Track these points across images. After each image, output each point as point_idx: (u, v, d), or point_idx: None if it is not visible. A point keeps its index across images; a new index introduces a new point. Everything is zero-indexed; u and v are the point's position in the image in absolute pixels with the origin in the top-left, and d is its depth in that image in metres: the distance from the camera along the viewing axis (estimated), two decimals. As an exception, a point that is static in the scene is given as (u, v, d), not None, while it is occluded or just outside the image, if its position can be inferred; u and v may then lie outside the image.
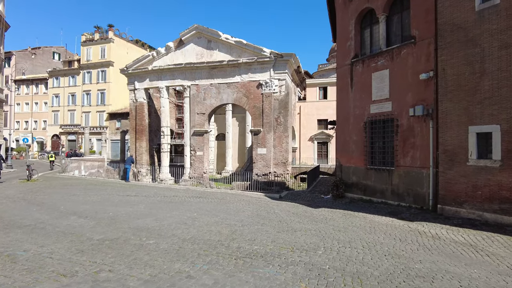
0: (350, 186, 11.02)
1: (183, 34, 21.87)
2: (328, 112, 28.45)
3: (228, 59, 20.62)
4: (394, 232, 7.04)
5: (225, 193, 13.91)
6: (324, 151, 28.77)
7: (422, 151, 8.72)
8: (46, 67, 51.02)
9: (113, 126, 42.17)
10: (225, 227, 7.35)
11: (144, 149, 24.12)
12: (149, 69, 23.06)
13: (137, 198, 11.97)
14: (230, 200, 11.73)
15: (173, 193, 13.51)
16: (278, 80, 19.82)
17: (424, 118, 8.61)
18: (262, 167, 19.87)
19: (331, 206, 10.14)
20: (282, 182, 18.49)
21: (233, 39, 20.41)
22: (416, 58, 8.73)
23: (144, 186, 16.66)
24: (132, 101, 24.61)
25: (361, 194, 10.64)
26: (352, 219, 8.26)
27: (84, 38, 43.65)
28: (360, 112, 10.47)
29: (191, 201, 11.24)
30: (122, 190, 14.51)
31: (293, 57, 19.62)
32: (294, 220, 8.20)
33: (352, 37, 10.66)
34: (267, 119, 19.77)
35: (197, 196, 12.70)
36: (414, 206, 9.00)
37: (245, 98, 20.53)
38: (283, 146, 19.79)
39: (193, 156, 21.75)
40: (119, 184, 17.07)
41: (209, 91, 21.50)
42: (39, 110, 47.70)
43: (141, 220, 8.04)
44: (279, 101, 19.85)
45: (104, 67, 42.07)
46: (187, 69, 21.90)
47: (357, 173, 10.74)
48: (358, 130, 10.55)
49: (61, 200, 11.32)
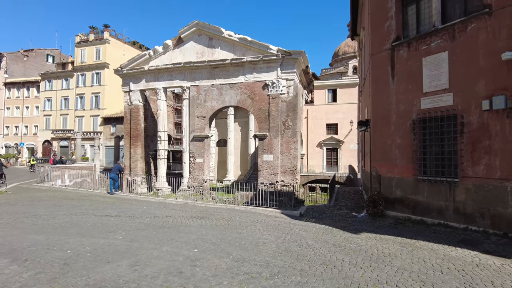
0: (392, 202, 9.07)
1: (182, 31, 20.92)
2: (338, 116, 27.40)
3: (231, 57, 19.60)
4: (504, 281, 4.73)
5: (231, 210, 11.60)
6: (334, 158, 27.57)
7: (505, 158, 6.73)
8: (39, 70, 50.29)
9: (107, 131, 41.12)
10: (246, 283, 4.67)
11: (139, 156, 22.96)
12: (145, 69, 22.06)
13: (118, 220, 9.29)
14: (241, 222, 9.21)
15: (166, 211, 10.94)
16: (285, 80, 18.75)
17: (507, 112, 6.66)
18: (268, 175, 18.65)
19: (375, 229, 8.11)
20: (291, 192, 17.24)
21: (237, 36, 19.42)
22: (492, 33, 6.88)
23: (133, 200, 14.03)
24: (126, 104, 23.57)
25: (408, 213, 8.60)
26: (418, 254, 6.03)
27: (78, 39, 42.94)
28: (405, 108, 8.59)
29: (190, 225, 8.66)
30: (102, 207, 11.78)
31: (302, 55, 18.58)
32: (343, 260, 5.67)
33: (393, 16, 8.88)
34: (273, 122, 18.63)
35: (198, 216, 10.07)
36: (492, 232, 6.99)
37: (249, 100, 19.43)
38: (292, 152, 18.60)
39: (193, 163, 20.56)
40: (103, 197, 14.43)
41: (210, 92, 20.43)
42: (30, 115, 46.75)
43: (111, 267, 5.28)
44: (286, 103, 18.73)
45: (99, 69, 41.23)
46: (187, 69, 20.88)
47: (402, 185, 8.79)
48: (403, 131, 8.66)
49: (9, 225, 8.43)
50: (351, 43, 46.76)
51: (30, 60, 55.02)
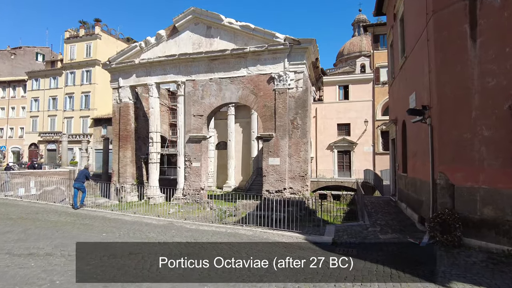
0: (476, 225, 6.59)
1: (177, 19, 19.34)
2: (350, 115, 25.71)
3: (232, 47, 17.95)
4: None
5: (234, 236, 8.59)
6: (346, 161, 25.79)
7: None
8: (27, 69, 48.81)
9: (98, 134, 39.55)
10: None
11: (128, 160, 21.27)
12: (136, 63, 20.45)
13: (43, 264, 5.65)
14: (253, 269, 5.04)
15: (136, 240, 7.65)
16: (294, 73, 17.07)
17: None
18: (274, 181, 16.90)
19: (465, 273, 5.33)
20: (301, 202, 15.44)
21: (238, 23, 17.81)
22: None
23: (99, 218, 10.46)
24: (115, 102, 21.95)
25: (509, 244, 6.08)
26: None
27: (68, 34, 41.52)
28: (498, 84, 6.28)
29: (163, 276, 4.89)
30: (41, 233, 8.04)
31: (313, 43, 16.93)
32: None
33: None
34: (280, 121, 16.92)
35: (181, 253, 6.01)
36: None
37: (252, 96, 17.74)
38: (301, 155, 16.86)
39: (188, 168, 18.83)
40: (59, 215, 10.80)
41: (208, 88, 18.77)
42: (16, 116, 45.29)
43: None
44: (295, 99, 17.03)
45: (90, 66, 39.75)
46: (182, 61, 19.26)
47: (495, 200, 6.32)
48: (495, 119, 6.31)
49: None
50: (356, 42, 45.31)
51: (17, 58, 53.74)
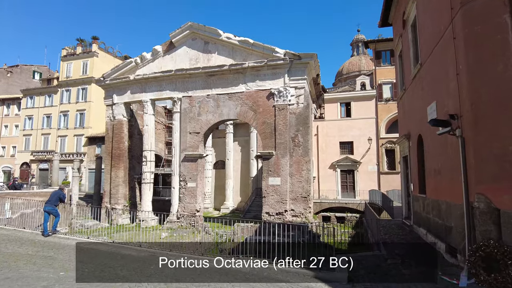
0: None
1: (174, 34, 19.09)
2: (353, 133, 25.12)
3: (230, 63, 17.58)
4: None
5: (228, 274, 7.13)
6: (349, 181, 24.93)
7: None
8: (24, 87, 48.76)
9: (92, 153, 38.83)
10: None
11: (121, 180, 20.42)
12: (131, 79, 20.04)
13: None
14: None
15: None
16: (294, 88, 16.62)
17: None
18: (275, 203, 16.04)
19: None
20: (304, 225, 14.50)
21: (237, 38, 17.53)
22: None
23: (70, 249, 8.98)
24: (109, 119, 21.40)
25: None
26: None
27: (65, 52, 41.73)
28: None
29: None
30: None
31: (314, 58, 16.56)
32: None
33: None
34: (281, 138, 16.27)
35: None
36: None
37: (251, 112, 17.18)
38: (303, 175, 16.09)
39: (183, 189, 17.98)
40: (19, 245, 9.46)
41: (205, 104, 18.25)
42: (9, 134, 44.75)
43: None
44: (296, 115, 16.46)
45: (86, 84, 39.62)
46: (178, 77, 18.85)
47: None
48: None
49: None
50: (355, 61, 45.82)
51: (14, 76, 53.87)
